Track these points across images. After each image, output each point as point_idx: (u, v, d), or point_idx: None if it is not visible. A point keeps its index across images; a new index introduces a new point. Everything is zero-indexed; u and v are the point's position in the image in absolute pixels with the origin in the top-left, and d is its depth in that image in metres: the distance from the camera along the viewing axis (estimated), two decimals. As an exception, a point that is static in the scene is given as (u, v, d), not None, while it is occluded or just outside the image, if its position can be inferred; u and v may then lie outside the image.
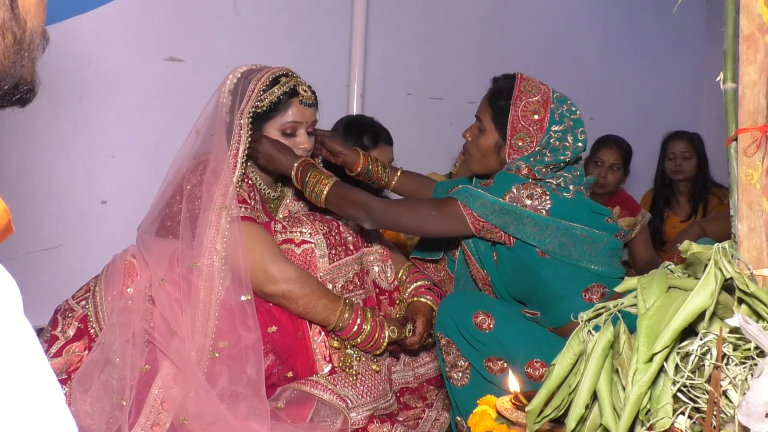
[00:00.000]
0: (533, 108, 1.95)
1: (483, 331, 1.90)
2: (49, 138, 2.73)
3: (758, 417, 0.84)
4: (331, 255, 2.05)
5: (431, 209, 1.94)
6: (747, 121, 1.04)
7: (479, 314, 1.91)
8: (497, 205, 1.89)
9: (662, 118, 4.36)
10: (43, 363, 0.62)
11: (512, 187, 1.91)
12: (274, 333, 1.93)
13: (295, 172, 2.01)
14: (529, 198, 1.89)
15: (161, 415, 1.80)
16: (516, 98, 1.96)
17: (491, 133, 2.01)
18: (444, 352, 1.97)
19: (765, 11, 1.01)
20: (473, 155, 2.06)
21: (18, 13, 0.72)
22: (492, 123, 2.01)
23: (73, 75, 2.76)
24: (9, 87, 0.74)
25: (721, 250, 0.97)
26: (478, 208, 1.90)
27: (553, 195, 1.91)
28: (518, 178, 1.93)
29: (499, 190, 1.92)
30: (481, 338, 1.89)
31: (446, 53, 3.92)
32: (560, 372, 1.08)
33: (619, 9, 4.65)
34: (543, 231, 1.88)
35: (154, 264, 1.93)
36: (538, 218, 1.87)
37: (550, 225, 1.88)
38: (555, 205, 1.90)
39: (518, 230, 1.89)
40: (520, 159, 1.95)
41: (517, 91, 1.97)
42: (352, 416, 1.91)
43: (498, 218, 1.90)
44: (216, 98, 2.06)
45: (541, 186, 1.91)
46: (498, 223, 1.90)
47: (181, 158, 2.06)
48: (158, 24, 2.98)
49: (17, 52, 0.73)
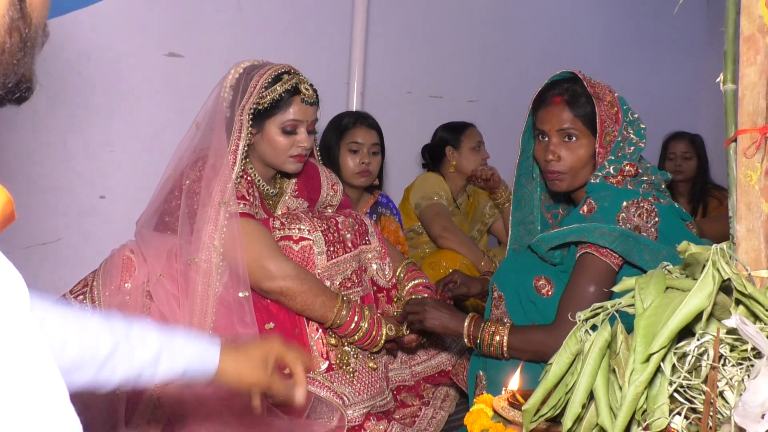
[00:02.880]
0: (609, 100, 1.89)
1: (541, 296, 1.86)
2: (48, 133, 2.73)
3: (754, 418, 0.84)
4: (329, 252, 2.05)
5: (587, 286, 1.75)
6: (746, 122, 1.04)
7: (541, 278, 1.87)
8: (617, 232, 1.74)
9: (662, 119, 4.35)
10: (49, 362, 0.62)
11: (622, 205, 1.78)
12: (272, 330, 1.93)
13: (466, 330, 1.89)
14: (639, 217, 1.77)
15: (158, 411, 1.80)
16: (595, 96, 1.87)
17: (587, 139, 1.89)
18: (494, 305, 1.95)
19: (766, 12, 1.01)
20: (568, 172, 1.91)
21: (26, 12, 0.72)
22: (585, 128, 1.89)
23: (72, 70, 2.76)
24: (12, 85, 0.74)
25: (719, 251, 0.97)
26: (600, 238, 1.74)
27: (659, 207, 1.80)
28: (621, 192, 1.81)
29: (610, 214, 1.77)
30: (537, 301, 1.86)
31: (446, 51, 3.92)
32: (557, 371, 1.08)
33: (619, 10, 4.66)
34: (655, 258, 1.73)
35: (152, 259, 1.93)
36: (652, 245, 1.75)
37: (661, 252, 1.75)
38: (663, 222, 1.79)
39: (638, 257, 1.75)
40: (611, 161, 1.85)
41: (591, 89, 1.88)
42: (348, 413, 1.91)
43: (620, 246, 1.73)
44: (217, 92, 2.05)
45: (647, 199, 1.80)
46: (620, 250, 1.74)
47: (180, 152, 2.05)
48: (158, 19, 2.97)
49: (21, 50, 0.72)
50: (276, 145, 2.04)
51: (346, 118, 2.86)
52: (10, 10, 0.70)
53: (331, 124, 2.87)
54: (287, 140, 2.04)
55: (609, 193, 1.81)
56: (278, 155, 2.05)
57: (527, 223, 2.10)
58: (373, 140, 2.81)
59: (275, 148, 2.04)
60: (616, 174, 1.85)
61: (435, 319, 1.93)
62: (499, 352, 1.83)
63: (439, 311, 1.93)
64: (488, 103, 4.04)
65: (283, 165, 2.08)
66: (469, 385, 2.04)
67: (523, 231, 2.10)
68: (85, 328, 0.97)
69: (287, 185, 2.22)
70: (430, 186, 3.21)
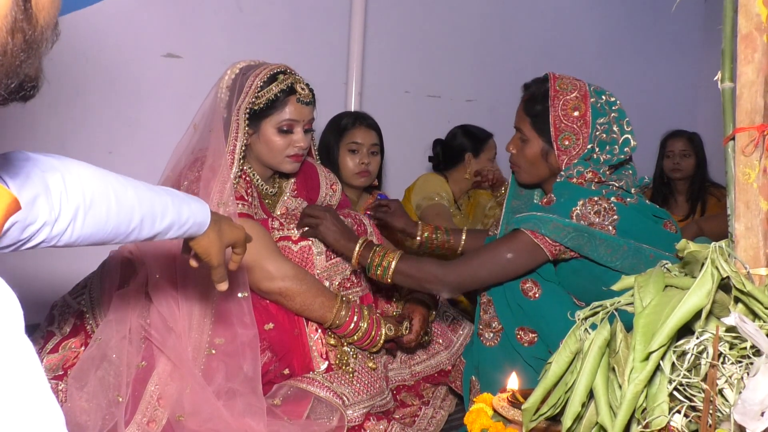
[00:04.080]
0: (573, 104, 1.90)
1: (528, 298, 1.88)
2: (46, 133, 2.73)
3: (754, 416, 0.85)
4: (328, 252, 2.05)
5: (504, 251, 1.83)
6: (744, 120, 1.04)
7: (528, 281, 1.89)
8: (570, 227, 1.80)
9: (660, 117, 4.36)
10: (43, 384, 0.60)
11: (578, 202, 1.83)
12: (271, 330, 1.93)
13: (356, 253, 1.95)
14: (596, 215, 1.81)
15: (157, 412, 1.80)
16: (553, 98, 1.91)
17: (535, 141, 1.95)
18: (483, 309, 1.97)
19: (763, 10, 1.01)
20: (521, 166, 2.01)
21: (31, 13, 0.69)
22: (533, 130, 1.95)
23: (71, 71, 2.76)
24: (15, 86, 0.72)
25: (718, 249, 0.97)
26: (551, 232, 1.80)
27: (619, 206, 1.83)
28: (581, 190, 1.86)
29: (565, 208, 1.83)
30: (523, 304, 1.88)
31: (444, 51, 3.92)
32: (557, 370, 1.08)
33: (617, 8, 4.66)
34: (615, 252, 1.80)
35: (151, 260, 1.93)
36: (610, 239, 1.80)
37: (621, 246, 1.80)
38: (622, 220, 1.82)
39: (592, 251, 1.80)
40: (578, 163, 1.89)
41: (552, 91, 1.92)
42: (348, 414, 1.91)
43: (572, 240, 1.80)
44: (214, 93, 2.05)
45: (606, 198, 1.84)
46: (572, 245, 1.80)
47: (178, 153, 2.05)
48: (156, 20, 2.97)
49: (25, 51, 0.70)
50: (272, 145, 2.04)
51: (346, 119, 2.86)
52: (14, 10, 0.67)
53: (330, 124, 2.87)
54: (284, 140, 2.04)
55: (568, 191, 1.87)
56: (275, 155, 2.05)
57: (520, 211, 2.12)
58: (373, 140, 2.81)
59: (272, 148, 2.04)
60: (578, 177, 1.89)
61: (329, 230, 1.98)
62: (386, 274, 1.90)
63: (337, 225, 1.98)
64: (486, 103, 4.04)
65: (280, 165, 2.08)
66: (464, 391, 2.05)
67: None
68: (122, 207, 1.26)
69: (286, 185, 2.22)
70: (431, 186, 3.21)
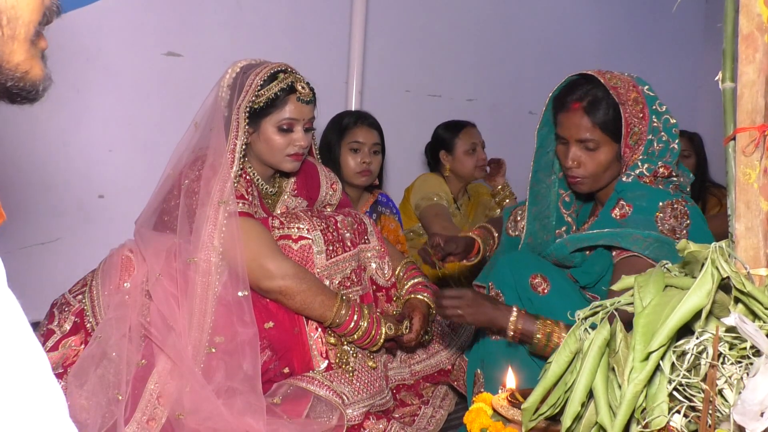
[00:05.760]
0: (633, 98, 1.84)
1: (537, 293, 1.86)
2: (47, 132, 2.73)
3: (753, 416, 0.85)
4: (328, 251, 2.05)
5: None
6: (745, 120, 1.04)
7: (537, 276, 1.87)
8: (651, 238, 1.72)
9: (661, 117, 4.35)
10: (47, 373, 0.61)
11: (658, 205, 1.75)
12: (271, 329, 1.93)
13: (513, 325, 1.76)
14: (674, 218, 1.74)
15: (157, 410, 1.80)
16: (620, 97, 1.82)
17: (607, 146, 1.85)
18: None
19: (764, 10, 1.01)
20: (589, 176, 1.88)
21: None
22: (604, 135, 1.84)
23: (71, 69, 2.76)
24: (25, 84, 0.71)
25: (718, 249, 0.97)
26: (634, 244, 1.71)
27: (691, 210, 1.78)
28: (655, 192, 1.78)
29: (647, 212, 1.74)
30: (533, 299, 1.86)
31: (445, 50, 3.92)
32: (556, 370, 1.08)
33: (617, 8, 4.66)
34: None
35: (151, 258, 1.93)
36: None
37: None
38: (692, 225, 1.76)
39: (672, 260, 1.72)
40: (645, 160, 1.82)
41: (614, 91, 1.82)
42: (348, 412, 1.91)
43: (654, 251, 1.71)
44: (215, 92, 2.06)
45: (681, 201, 1.77)
46: (655, 257, 1.69)
47: (179, 152, 2.05)
48: (157, 18, 2.97)
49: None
50: (272, 144, 2.04)
51: (347, 118, 2.86)
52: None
53: (331, 123, 2.87)
54: (284, 139, 2.04)
55: (644, 193, 1.79)
56: (275, 154, 2.05)
57: (543, 218, 2.08)
58: (374, 140, 2.82)
59: (272, 146, 2.04)
60: (650, 174, 1.82)
61: (479, 314, 1.77)
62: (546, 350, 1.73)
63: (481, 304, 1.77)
64: (487, 102, 4.04)
65: (280, 164, 2.08)
66: (467, 384, 2.04)
67: (538, 226, 2.08)
68: None
69: (286, 184, 2.22)
70: (430, 187, 3.21)
